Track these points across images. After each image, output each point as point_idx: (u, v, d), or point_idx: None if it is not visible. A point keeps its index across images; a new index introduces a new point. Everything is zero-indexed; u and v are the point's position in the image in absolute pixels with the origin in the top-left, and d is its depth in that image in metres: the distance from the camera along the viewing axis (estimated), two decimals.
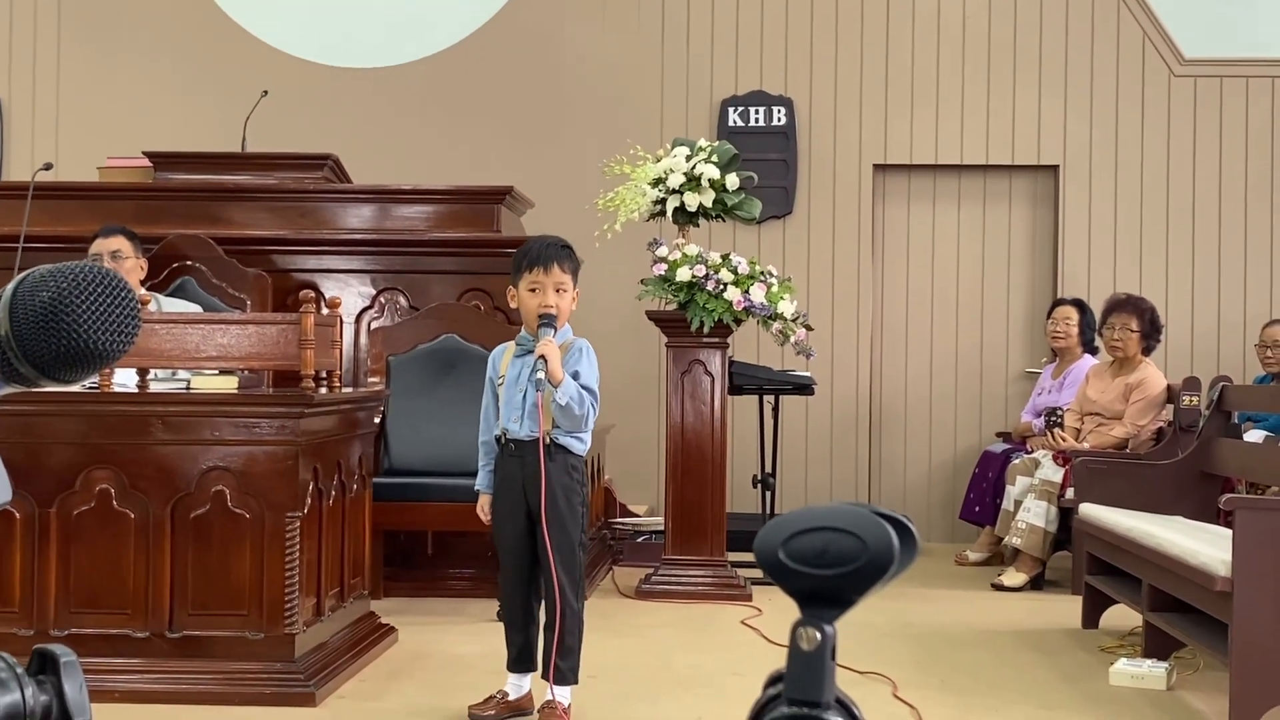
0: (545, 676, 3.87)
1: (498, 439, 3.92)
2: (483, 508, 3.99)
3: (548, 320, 3.81)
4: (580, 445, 3.90)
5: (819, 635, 0.85)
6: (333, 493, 4.51)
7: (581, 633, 3.90)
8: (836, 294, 8.12)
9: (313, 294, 4.43)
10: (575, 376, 3.81)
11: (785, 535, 0.84)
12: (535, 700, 3.96)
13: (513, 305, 3.97)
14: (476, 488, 4.02)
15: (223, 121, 7.43)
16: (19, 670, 0.95)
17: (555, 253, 3.87)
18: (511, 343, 4.00)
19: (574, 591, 3.85)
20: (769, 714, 0.85)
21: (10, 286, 0.99)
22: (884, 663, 4.63)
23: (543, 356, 3.73)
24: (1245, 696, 3.86)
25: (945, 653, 4.98)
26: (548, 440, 3.80)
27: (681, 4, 8.22)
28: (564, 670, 3.85)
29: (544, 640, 3.90)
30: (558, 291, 3.85)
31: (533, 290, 3.85)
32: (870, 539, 0.83)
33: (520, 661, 3.96)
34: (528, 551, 3.89)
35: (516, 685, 3.96)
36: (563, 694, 3.86)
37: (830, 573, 0.83)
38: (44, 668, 0.97)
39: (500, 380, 3.93)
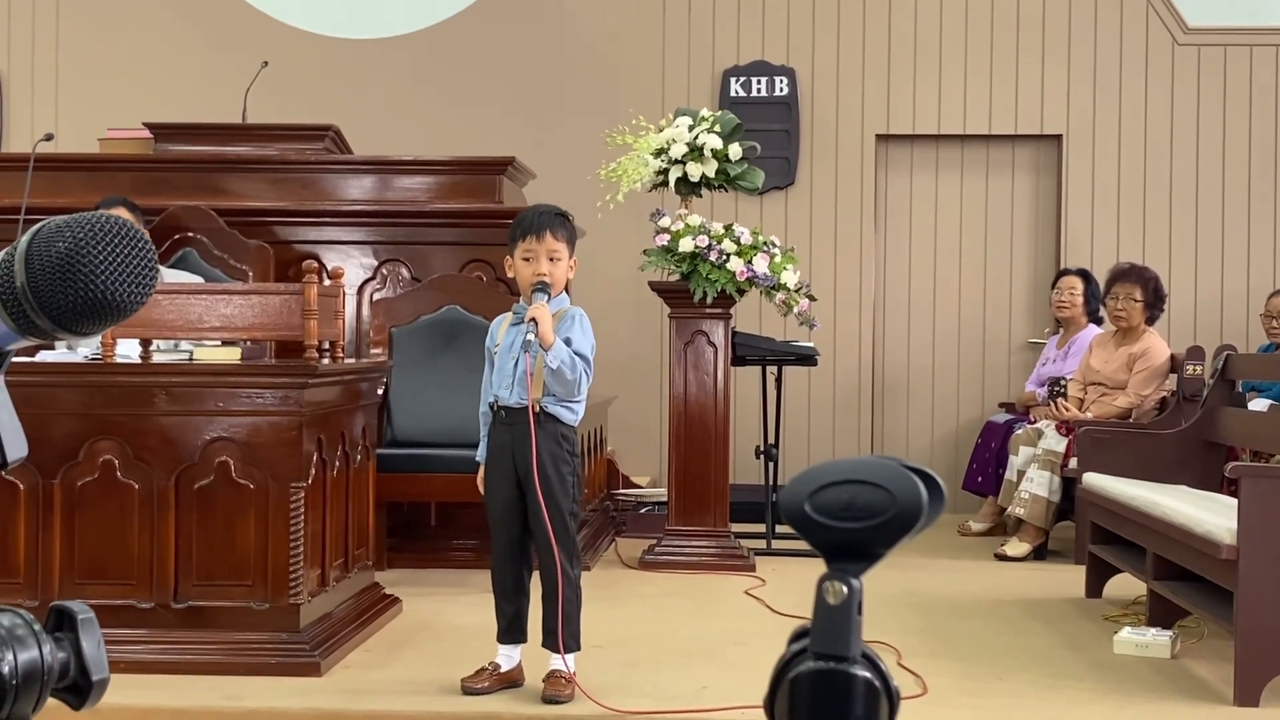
0: (547, 646, 3.87)
1: (491, 406, 3.91)
2: (482, 479, 3.99)
3: (541, 287, 3.80)
4: (570, 415, 3.89)
5: (845, 589, 0.84)
6: (336, 464, 4.51)
7: (580, 600, 3.90)
8: (839, 265, 8.11)
9: (315, 265, 4.41)
10: (568, 343, 3.80)
11: (812, 488, 0.83)
12: (526, 671, 3.96)
13: (510, 275, 3.96)
14: (477, 459, 4.01)
15: (223, 93, 7.39)
16: (37, 628, 0.95)
17: (549, 221, 3.86)
18: (509, 313, 3.99)
19: (569, 559, 3.85)
20: (795, 668, 0.84)
21: (25, 238, 0.97)
22: (889, 632, 4.64)
23: (534, 319, 3.72)
24: (1249, 664, 3.86)
25: (950, 622, 4.99)
26: (537, 408, 3.79)
27: None
28: (568, 638, 3.85)
29: (543, 610, 3.89)
30: (552, 260, 3.84)
31: (527, 259, 3.84)
32: (898, 492, 0.82)
33: (511, 633, 3.95)
34: (518, 520, 3.88)
35: (508, 656, 3.95)
36: (567, 661, 3.86)
37: (857, 526, 0.83)
38: (61, 625, 0.97)
39: (496, 350, 3.93)
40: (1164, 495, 4.61)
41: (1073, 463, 6.13)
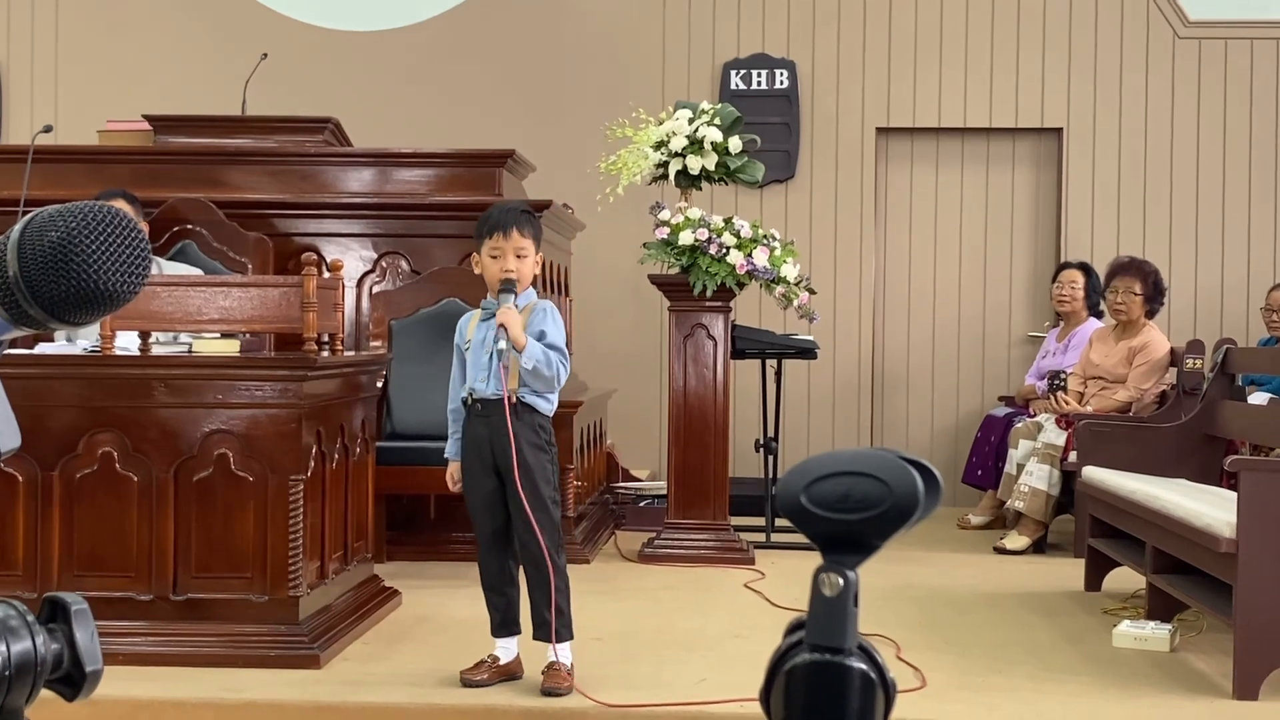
0: (540, 638, 3.87)
1: (464, 401, 3.91)
2: (452, 475, 3.98)
3: (508, 286, 3.81)
4: (546, 405, 3.90)
5: (841, 581, 0.83)
6: (335, 456, 4.50)
7: (569, 589, 3.91)
8: (839, 258, 8.10)
9: (314, 257, 4.41)
10: (541, 337, 3.81)
11: (808, 480, 0.83)
12: (524, 663, 3.96)
13: (476, 272, 3.97)
14: (446, 455, 4.01)
15: (223, 84, 7.39)
16: (30, 619, 0.95)
17: (515, 218, 3.87)
18: (477, 309, 3.99)
19: (555, 548, 3.85)
20: (790, 660, 0.83)
21: (18, 227, 0.97)
22: (887, 625, 4.64)
23: (503, 325, 3.72)
24: (1249, 658, 3.86)
25: (948, 616, 4.98)
26: (514, 399, 3.80)
27: None
28: (561, 628, 3.85)
29: (531, 601, 3.89)
30: (518, 257, 3.84)
31: (494, 256, 3.85)
32: (895, 483, 0.82)
33: (505, 626, 3.95)
34: (500, 512, 3.88)
35: (505, 649, 3.95)
36: (564, 653, 3.86)
37: (853, 517, 0.82)
38: (55, 616, 0.96)
39: (467, 346, 3.93)
40: (1163, 489, 4.61)
41: (1072, 456, 6.13)
